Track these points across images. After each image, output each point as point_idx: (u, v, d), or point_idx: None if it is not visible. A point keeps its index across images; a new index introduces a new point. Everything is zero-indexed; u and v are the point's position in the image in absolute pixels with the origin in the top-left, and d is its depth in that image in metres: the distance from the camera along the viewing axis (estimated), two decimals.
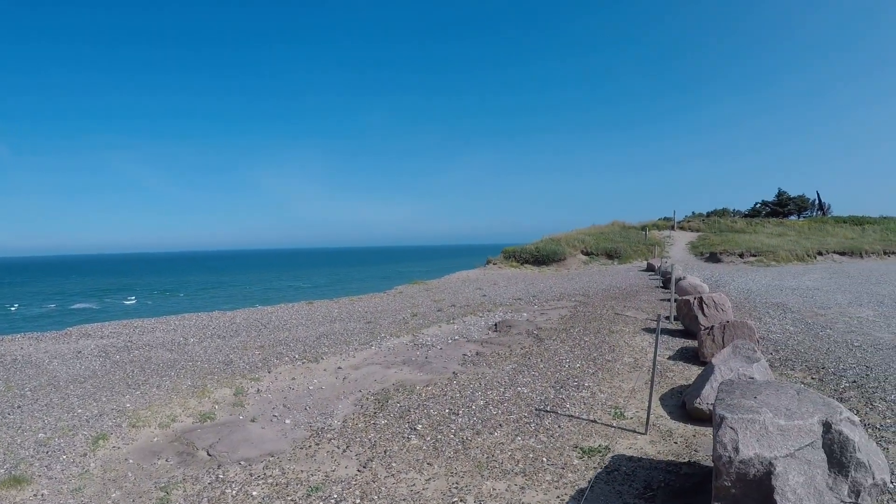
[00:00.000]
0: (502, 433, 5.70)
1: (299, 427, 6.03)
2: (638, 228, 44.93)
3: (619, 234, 40.75)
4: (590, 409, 6.41)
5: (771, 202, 73.44)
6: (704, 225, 50.20)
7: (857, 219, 55.32)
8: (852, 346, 9.69)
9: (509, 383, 7.38)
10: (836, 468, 3.89)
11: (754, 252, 34.87)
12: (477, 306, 14.56)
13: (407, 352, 9.31)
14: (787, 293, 18.15)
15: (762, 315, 13.59)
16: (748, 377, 6.63)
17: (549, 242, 33.89)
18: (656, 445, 5.40)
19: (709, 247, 37.28)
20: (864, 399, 6.85)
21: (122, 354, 9.72)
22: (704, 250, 36.87)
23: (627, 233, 41.94)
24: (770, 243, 37.94)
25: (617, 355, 8.98)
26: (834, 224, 53.12)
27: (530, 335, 10.50)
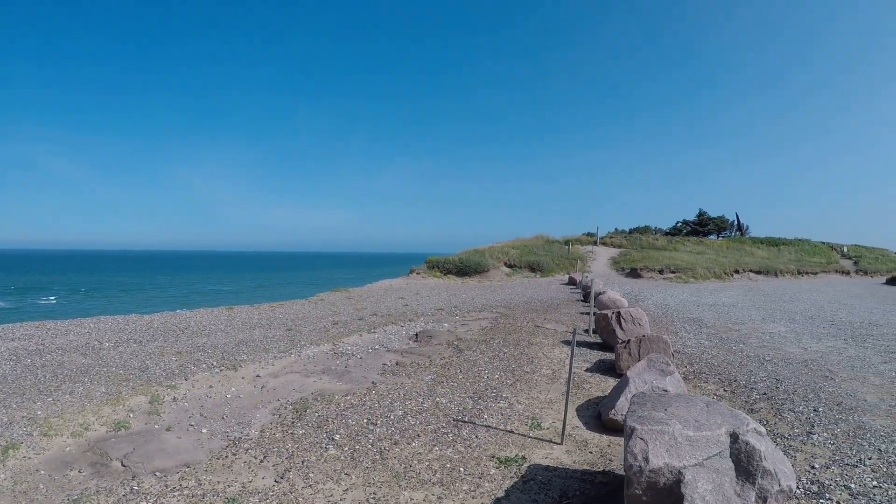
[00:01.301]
0: (420, 443, 5.94)
1: (216, 437, 6.13)
2: (561, 242, 46.80)
3: (543, 247, 42.39)
4: (507, 419, 6.75)
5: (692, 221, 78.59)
6: (626, 241, 52.97)
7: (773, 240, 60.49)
8: (764, 361, 10.52)
9: (428, 393, 7.72)
10: (743, 476, 4.20)
11: (674, 269, 37.18)
12: (399, 316, 15.16)
13: (327, 360, 9.59)
14: (703, 309, 19.50)
15: (679, 330, 14.50)
16: (661, 389, 7.01)
17: (474, 254, 35.07)
18: (572, 455, 5.74)
19: (630, 262, 39.47)
20: (774, 410, 7.45)
21: (34, 358, 9.64)
22: (625, 266, 38.99)
23: (551, 246, 43.65)
24: (689, 261, 40.52)
25: (535, 367, 9.49)
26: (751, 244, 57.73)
27: (450, 346, 10.99)
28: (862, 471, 5.42)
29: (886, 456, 5.77)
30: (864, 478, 5.25)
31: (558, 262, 37.42)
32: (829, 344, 12.50)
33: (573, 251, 42.78)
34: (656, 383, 7.12)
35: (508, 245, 40.94)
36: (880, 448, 6.00)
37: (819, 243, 61.72)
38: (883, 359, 10.75)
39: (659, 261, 39.21)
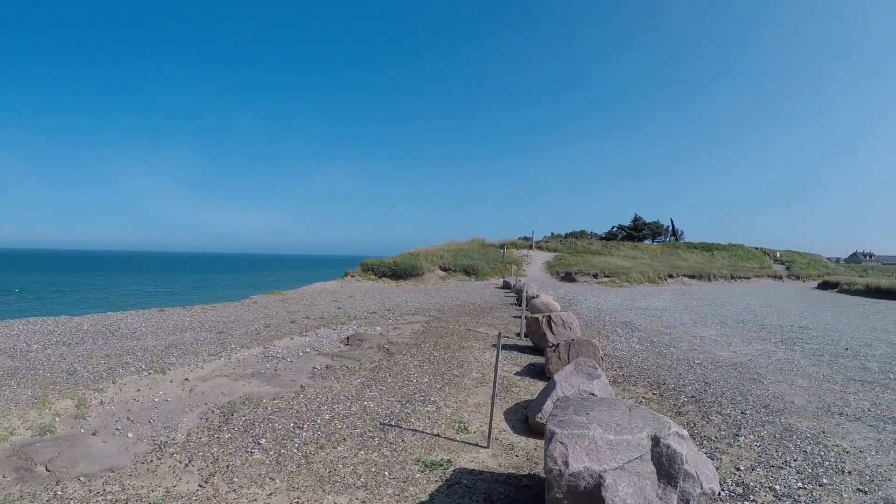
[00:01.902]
0: (346, 447, 6.06)
1: (142, 441, 6.20)
2: (497, 246, 47.35)
3: (478, 251, 42.90)
4: (434, 423, 6.92)
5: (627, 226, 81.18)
6: (562, 245, 54.13)
7: (707, 245, 62.98)
8: (693, 364, 10.84)
9: (356, 397, 7.89)
10: (665, 479, 4.28)
11: (608, 273, 38.33)
12: (331, 319, 15.48)
13: (257, 364, 9.76)
14: (636, 313, 20.10)
15: (611, 333, 14.83)
16: (588, 393, 7.09)
17: (408, 257, 35.46)
18: (498, 459, 5.89)
19: (565, 267, 40.40)
20: (702, 413, 7.63)
21: None
22: (561, 270, 39.89)
23: (486, 250, 44.21)
24: (624, 265, 41.87)
25: (465, 370, 9.74)
26: (686, 249, 59.92)
27: (381, 349, 11.26)
28: (787, 472, 5.55)
29: (812, 458, 5.95)
30: (789, 479, 5.38)
31: (493, 265, 38.03)
32: (758, 347, 13.00)
33: (508, 255, 43.46)
34: (583, 387, 7.20)
35: (444, 248, 41.35)
36: (806, 450, 6.18)
37: (752, 248, 64.84)
38: (811, 362, 11.22)
39: (594, 265, 40.45)
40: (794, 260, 62.31)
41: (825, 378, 9.79)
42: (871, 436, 6.71)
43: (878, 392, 8.85)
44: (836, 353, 12.28)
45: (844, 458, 5.97)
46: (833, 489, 5.18)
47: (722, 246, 63.01)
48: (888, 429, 6.98)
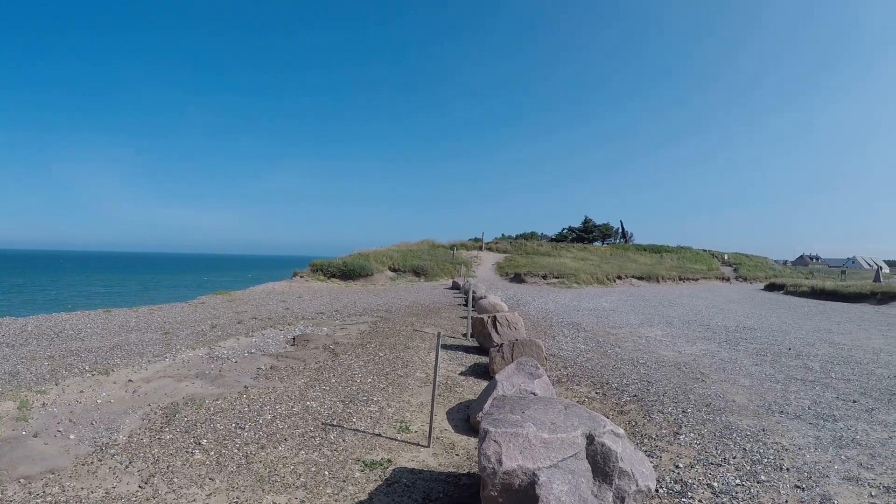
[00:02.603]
0: (287, 447, 6.15)
1: (84, 442, 6.22)
2: (447, 247, 47.63)
3: (428, 252, 43.13)
4: (376, 423, 7.04)
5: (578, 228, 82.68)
6: (512, 247, 54.75)
7: (656, 247, 64.64)
8: (637, 363, 11.07)
9: (299, 397, 7.99)
10: (600, 477, 4.36)
11: (557, 274, 38.89)
12: (278, 319, 15.70)
13: (201, 365, 9.81)
14: (583, 314, 20.47)
15: (557, 334, 15.07)
16: (529, 392, 7.14)
17: (358, 257, 35.60)
18: (438, 458, 6.01)
19: (514, 268, 40.91)
20: (643, 412, 7.77)
21: None
22: (510, 271, 40.37)
23: (436, 251, 44.48)
24: (573, 266, 42.57)
25: (410, 371, 9.88)
26: (635, 251, 61.35)
27: (326, 350, 11.40)
28: (726, 470, 5.65)
29: (751, 455, 6.08)
30: (728, 476, 5.48)
31: (443, 266, 38.27)
32: (702, 347, 13.33)
33: (458, 256, 43.77)
34: (524, 386, 7.28)
35: (393, 249, 41.60)
36: (745, 447, 6.31)
37: (701, 251, 66.78)
38: (754, 361, 11.53)
39: (543, 266, 41.02)
40: (741, 262, 64.45)
41: (767, 377, 10.06)
42: (811, 433, 6.90)
43: (818, 391, 9.13)
44: (779, 353, 12.66)
45: (783, 455, 6.11)
46: (771, 486, 5.28)
47: (671, 248, 64.86)
48: (827, 426, 7.19)
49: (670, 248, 64.55)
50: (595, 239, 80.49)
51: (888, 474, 5.63)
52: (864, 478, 5.53)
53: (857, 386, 9.57)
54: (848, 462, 5.96)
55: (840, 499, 5.03)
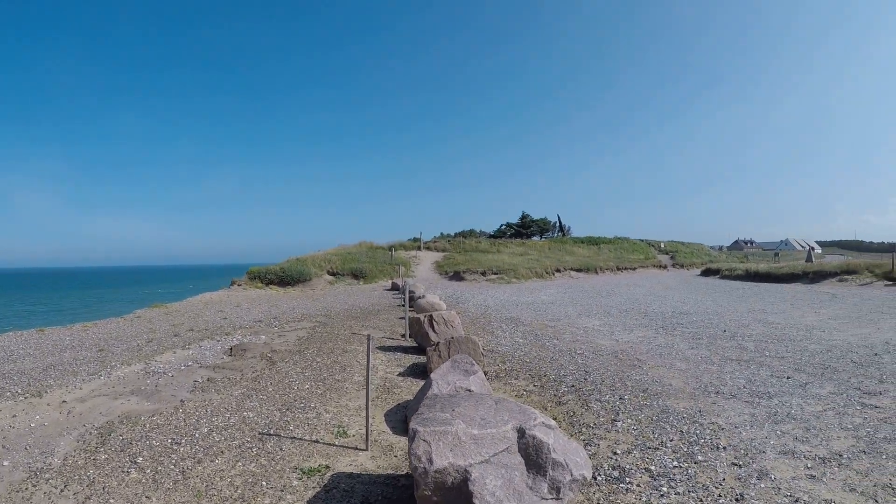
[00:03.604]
0: (224, 460, 6.12)
1: (18, 468, 6.11)
2: (385, 248, 47.69)
3: (366, 254, 43.12)
4: (314, 429, 7.04)
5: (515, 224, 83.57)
6: (451, 245, 55.04)
7: (594, 239, 66.11)
8: (575, 354, 11.23)
9: (236, 408, 7.96)
10: (534, 469, 4.42)
11: (496, 270, 39.36)
12: (216, 330, 15.65)
13: (137, 381, 9.72)
14: (522, 308, 20.75)
15: (496, 329, 15.20)
16: (465, 389, 7.16)
17: (295, 263, 35.42)
18: (377, 460, 6.03)
19: (453, 266, 41.21)
20: (581, 401, 7.86)
21: None
22: (449, 269, 40.64)
23: (374, 253, 44.51)
24: (512, 262, 43.12)
25: (347, 374, 9.89)
26: (573, 244, 62.60)
27: (264, 358, 11.46)
28: (663, 453, 5.74)
29: (688, 437, 6.19)
30: (665, 459, 5.56)
31: (381, 268, 38.38)
32: (640, 334, 13.63)
33: (397, 257, 43.86)
34: (459, 384, 7.28)
35: (331, 253, 41.39)
36: (682, 430, 6.43)
37: (638, 241, 68.68)
38: (690, 345, 11.84)
39: (482, 263, 41.45)
40: (677, 250, 66.55)
41: (703, 360, 10.34)
42: (746, 411, 7.10)
43: (753, 370, 9.43)
44: (714, 336, 13.06)
45: (720, 434, 6.25)
46: (708, 465, 5.38)
47: (608, 239, 66.47)
48: (762, 403, 7.42)
49: (608, 240, 66.12)
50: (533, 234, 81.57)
51: (823, 446, 5.83)
52: (800, 451, 5.71)
53: (790, 363, 9.93)
54: (783, 437, 6.14)
55: (776, 472, 5.17)
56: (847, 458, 5.50)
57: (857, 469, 5.22)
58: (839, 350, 11.04)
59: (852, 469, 5.23)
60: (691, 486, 4.92)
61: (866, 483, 4.92)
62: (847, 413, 6.96)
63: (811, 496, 4.67)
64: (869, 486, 4.84)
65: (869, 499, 4.62)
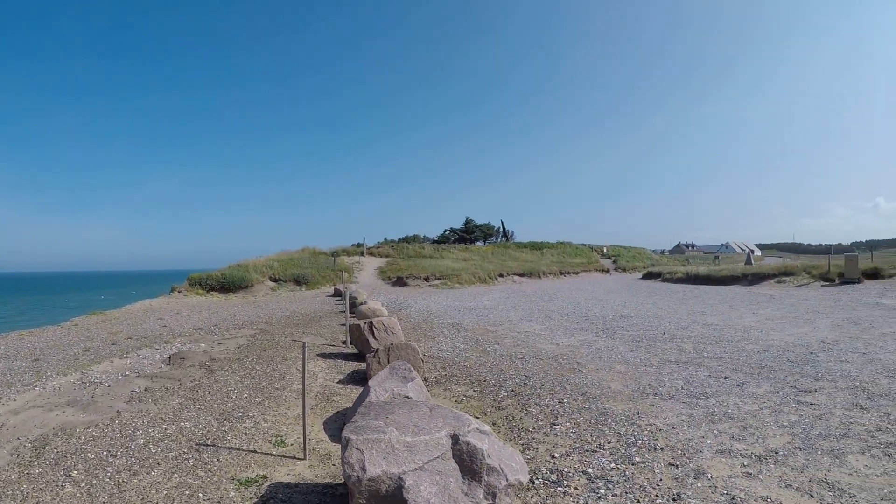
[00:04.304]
0: (160, 472, 6.04)
1: None
2: (328, 254, 47.46)
3: (309, 260, 42.87)
4: (251, 439, 6.98)
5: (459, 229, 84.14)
6: (394, 251, 55.07)
7: (536, 244, 67.00)
8: (515, 359, 11.31)
9: (173, 419, 7.85)
10: (469, 475, 4.43)
11: (440, 276, 39.55)
12: (155, 338, 15.41)
13: (73, 391, 9.52)
14: (464, 313, 20.86)
15: (437, 335, 15.21)
16: (403, 396, 7.15)
17: (237, 269, 35.05)
18: (315, 469, 5.98)
19: (396, 271, 41.31)
20: (521, 406, 7.89)
21: None
22: (392, 275, 40.72)
23: (317, 259, 44.29)
24: (455, 267, 43.34)
25: (287, 382, 9.79)
26: (516, 249, 63.32)
27: (203, 367, 11.32)
28: (601, 455, 5.79)
29: (625, 438, 6.27)
30: (603, 461, 5.61)
31: (324, 274, 38.20)
32: (580, 338, 13.81)
33: (340, 263, 43.70)
34: (397, 390, 7.26)
35: (273, 259, 40.96)
36: (620, 432, 6.51)
37: (580, 245, 69.90)
38: (630, 348, 12.05)
39: (425, 269, 41.63)
40: (620, 254, 68.02)
41: (642, 362, 10.53)
42: (684, 412, 7.24)
43: (691, 371, 9.65)
44: (654, 338, 13.33)
45: (657, 435, 6.35)
46: (645, 466, 5.45)
47: (551, 244, 67.50)
48: (700, 404, 7.58)
49: (550, 244, 67.11)
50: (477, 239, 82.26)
51: (759, 444, 5.98)
52: (736, 449, 5.84)
53: (728, 363, 10.20)
54: (720, 436, 6.28)
55: (713, 471, 5.26)
56: (783, 455, 5.64)
57: (792, 465, 5.36)
58: (776, 350, 11.41)
59: (788, 466, 5.36)
60: (628, 488, 4.97)
61: (802, 479, 5.04)
62: (783, 411, 7.17)
63: (747, 494, 4.77)
64: (804, 482, 4.97)
65: (804, 494, 4.74)
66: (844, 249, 68.33)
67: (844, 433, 6.25)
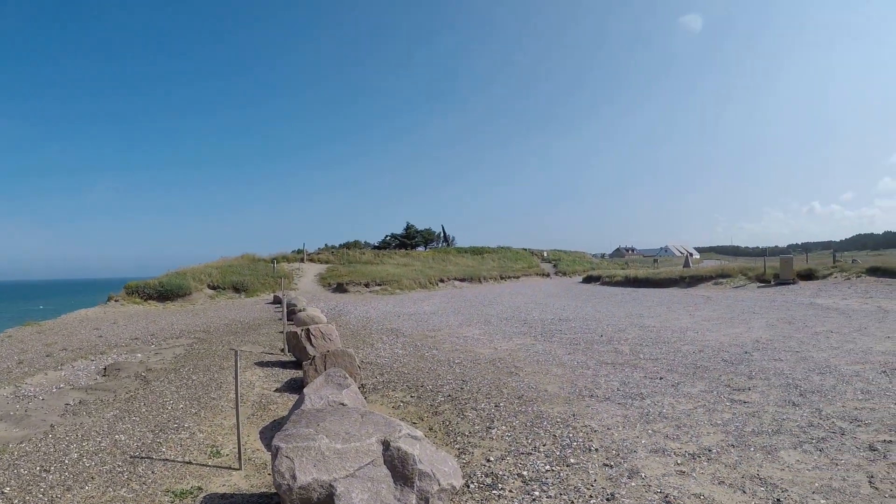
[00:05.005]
0: (94, 486, 5.93)
1: None
2: (268, 261, 46.85)
3: (249, 267, 42.29)
4: (187, 450, 6.91)
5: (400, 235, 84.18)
6: (335, 257, 54.84)
7: (477, 249, 67.56)
8: (453, 364, 11.37)
9: (108, 431, 7.74)
10: (401, 481, 4.45)
11: (380, 282, 39.59)
12: (90, 349, 15.07)
13: (6, 405, 9.36)
14: (403, 319, 20.88)
15: (376, 341, 15.18)
16: (338, 403, 7.13)
17: (175, 276, 34.37)
18: (250, 479, 5.94)
19: (336, 278, 41.12)
20: (457, 410, 7.92)
21: None
22: (332, 281, 40.55)
23: (257, 265, 43.72)
24: (396, 273, 43.44)
25: (223, 392, 9.68)
26: (457, 254, 63.75)
27: (139, 378, 11.24)
28: (536, 458, 5.84)
29: (561, 440, 6.35)
30: (538, 464, 5.65)
31: (264, 281, 37.81)
32: (518, 342, 13.96)
33: (280, 269, 43.27)
34: (332, 397, 7.25)
35: (212, 266, 40.26)
36: (555, 434, 6.59)
37: (521, 249, 70.74)
38: (567, 351, 12.23)
39: (366, 275, 41.59)
40: (560, 258, 69.15)
41: (579, 364, 10.70)
42: (619, 413, 7.37)
43: (627, 372, 9.84)
44: (591, 341, 13.56)
45: (592, 436, 6.44)
46: (580, 467, 5.51)
47: (492, 249, 68.19)
48: (635, 405, 7.74)
49: (491, 249, 67.79)
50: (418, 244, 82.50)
51: (693, 442, 6.13)
52: (670, 448, 5.97)
53: (664, 364, 10.45)
54: (655, 435, 6.41)
55: (647, 470, 5.36)
56: (716, 452, 5.79)
57: (725, 462, 5.50)
58: (711, 350, 11.74)
59: (721, 463, 5.50)
60: (563, 489, 5.01)
61: (734, 475, 5.18)
62: (717, 409, 7.36)
63: (681, 492, 4.86)
64: (737, 479, 5.10)
65: (737, 490, 4.86)
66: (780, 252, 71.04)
67: (777, 430, 6.44)
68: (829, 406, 7.30)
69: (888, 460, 5.37)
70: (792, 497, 4.67)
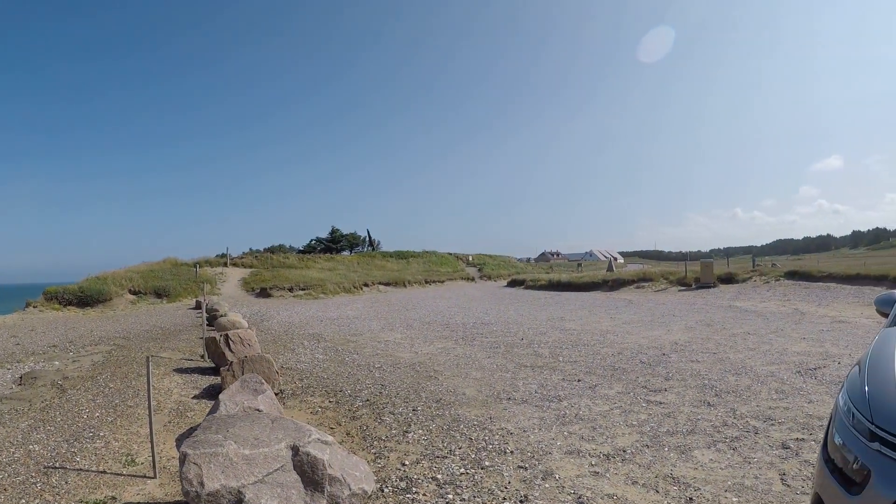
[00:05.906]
0: (5, 498, 5.78)
1: None
2: (191, 265, 45.77)
3: (171, 271, 41.46)
4: (101, 459, 6.78)
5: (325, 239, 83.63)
6: (258, 261, 54.13)
7: (403, 253, 67.84)
8: (373, 368, 11.38)
9: (21, 442, 7.53)
10: (311, 486, 4.45)
11: (304, 286, 39.29)
12: (6, 357, 14.79)
13: None
14: (326, 324, 20.79)
15: (297, 346, 15.05)
16: (254, 409, 7.07)
17: (95, 282, 33.59)
18: (165, 488, 5.84)
19: (260, 282, 40.85)
20: (375, 414, 7.92)
21: None
22: (256, 286, 40.25)
23: (179, 270, 42.84)
24: (320, 277, 43.21)
25: (140, 399, 9.47)
26: (382, 258, 63.83)
27: (55, 386, 10.93)
28: (451, 461, 5.87)
29: (476, 443, 6.40)
30: (453, 467, 5.68)
31: (186, 286, 37.18)
32: (439, 346, 14.06)
33: (202, 274, 42.46)
34: (248, 403, 7.16)
35: (133, 270, 39.28)
36: (472, 437, 6.64)
37: (446, 254, 71.30)
38: (487, 354, 12.37)
39: (290, 279, 41.31)
40: (485, 262, 69.97)
41: (498, 367, 10.83)
42: (536, 415, 7.49)
43: (546, 375, 10.01)
44: (512, 344, 13.75)
45: (508, 439, 6.52)
46: (495, 470, 5.57)
47: (417, 253, 68.54)
48: (552, 407, 7.88)
49: (416, 254, 68.11)
50: (343, 248, 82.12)
51: (608, 443, 6.27)
52: (585, 449, 6.09)
53: (582, 366, 10.67)
54: (570, 437, 6.53)
55: (561, 472, 5.45)
56: (630, 452, 5.94)
57: (639, 462, 5.65)
58: (630, 352, 12.07)
59: (635, 463, 5.65)
60: (477, 492, 5.05)
61: (648, 475, 5.32)
62: (633, 410, 7.56)
63: (594, 492, 4.96)
64: (651, 478, 5.23)
65: (650, 490, 4.99)
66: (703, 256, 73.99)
67: (691, 429, 6.65)
68: (744, 406, 7.57)
69: (800, 458, 5.59)
70: (704, 496, 4.80)
